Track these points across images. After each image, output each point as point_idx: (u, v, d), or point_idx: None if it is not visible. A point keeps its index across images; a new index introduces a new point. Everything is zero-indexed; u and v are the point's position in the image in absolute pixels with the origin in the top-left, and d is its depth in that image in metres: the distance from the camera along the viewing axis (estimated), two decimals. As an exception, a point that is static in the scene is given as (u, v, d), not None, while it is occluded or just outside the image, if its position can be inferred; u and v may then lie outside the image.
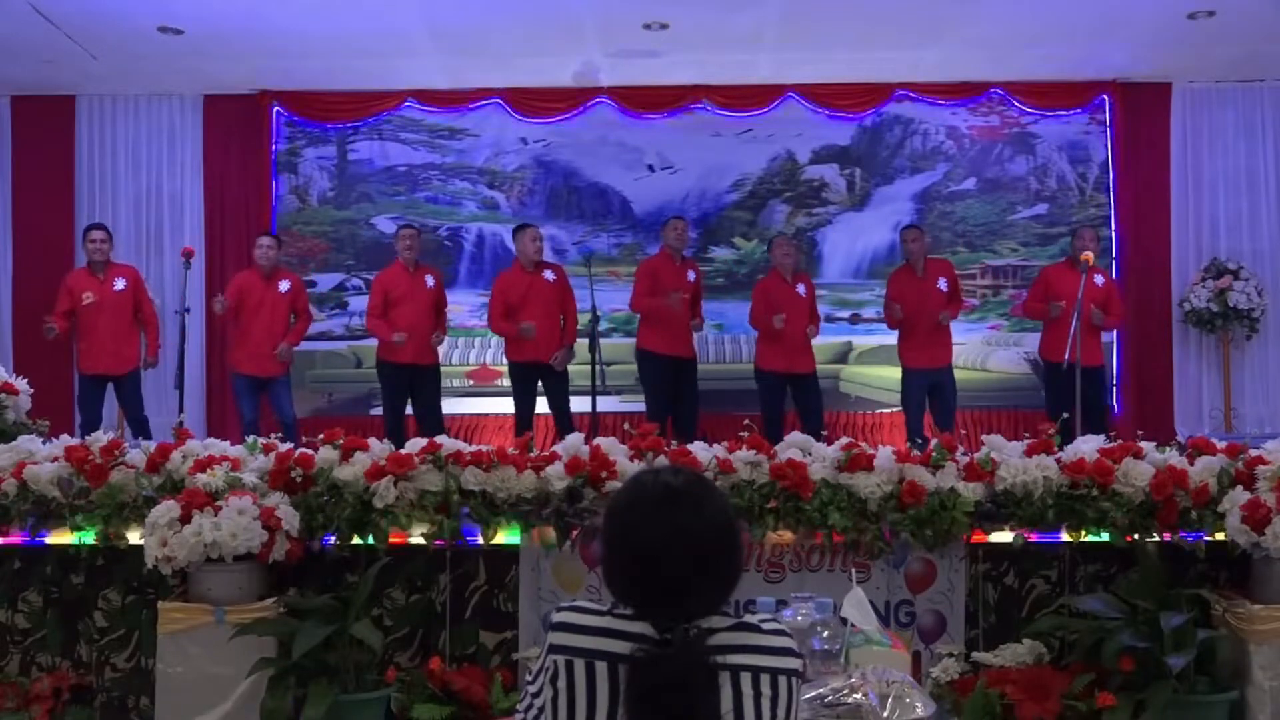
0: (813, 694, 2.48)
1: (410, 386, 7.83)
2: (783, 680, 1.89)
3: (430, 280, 7.91)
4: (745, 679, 1.86)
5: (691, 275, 7.99)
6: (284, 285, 7.90)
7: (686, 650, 1.82)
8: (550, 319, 7.68)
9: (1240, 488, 4.39)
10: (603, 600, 1.99)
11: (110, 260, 7.84)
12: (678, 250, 7.98)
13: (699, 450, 4.59)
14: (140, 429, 7.54)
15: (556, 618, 1.94)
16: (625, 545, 1.91)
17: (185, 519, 4.16)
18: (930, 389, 7.90)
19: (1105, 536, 4.48)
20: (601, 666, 1.86)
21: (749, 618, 1.95)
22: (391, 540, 4.44)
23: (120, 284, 7.77)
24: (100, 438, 4.66)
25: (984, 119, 9.17)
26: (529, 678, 1.99)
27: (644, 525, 1.90)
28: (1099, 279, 7.83)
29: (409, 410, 7.87)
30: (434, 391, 7.92)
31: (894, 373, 8.95)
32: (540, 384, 7.79)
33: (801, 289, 7.90)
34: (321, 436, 4.60)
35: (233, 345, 8.05)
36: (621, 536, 1.92)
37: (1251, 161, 8.92)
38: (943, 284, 7.91)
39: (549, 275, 7.70)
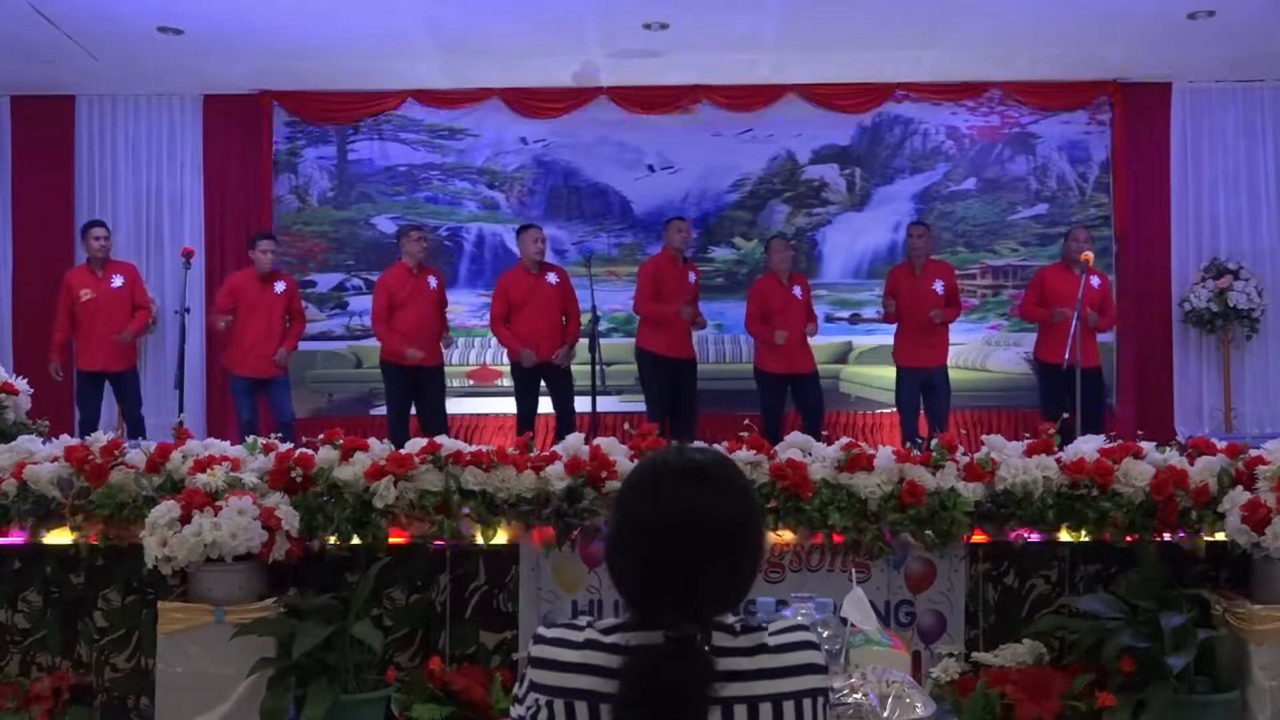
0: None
1: (414, 387, 7.83)
2: (807, 704, 1.72)
3: (433, 281, 7.92)
4: (765, 710, 1.68)
5: (692, 277, 8.01)
6: (280, 287, 7.91)
7: (691, 658, 1.65)
8: (551, 321, 7.69)
9: (1240, 488, 4.38)
10: (591, 613, 1.90)
11: (110, 257, 7.87)
12: (680, 251, 8.00)
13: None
14: (137, 428, 7.55)
15: (534, 651, 1.76)
16: (640, 522, 1.73)
17: (185, 519, 4.16)
18: (923, 388, 7.89)
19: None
20: (581, 706, 1.71)
21: (761, 634, 1.75)
22: (391, 540, 4.44)
23: (118, 281, 7.82)
24: (100, 438, 4.66)
25: (984, 119, 9.17)
26: (518, 690, 1.82)
27: (664, 500, 1.72)
28: (1095, 280, 7.83)
29: (413, 411, 7.87)
30: (437, 392, 7.91)
31: (894, 373, 8.96)
32: (544, 384, 7.80)
33: (798, 290, 7.89)
34: (321, 436, 4.61)
35: (229, 346, 8.02)
36: (636, 512, 1.75)
37: (1251, 161, 8.92)
38: (939, 286, 7.90)
39: (552, 278, 7.69)
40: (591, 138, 9.19)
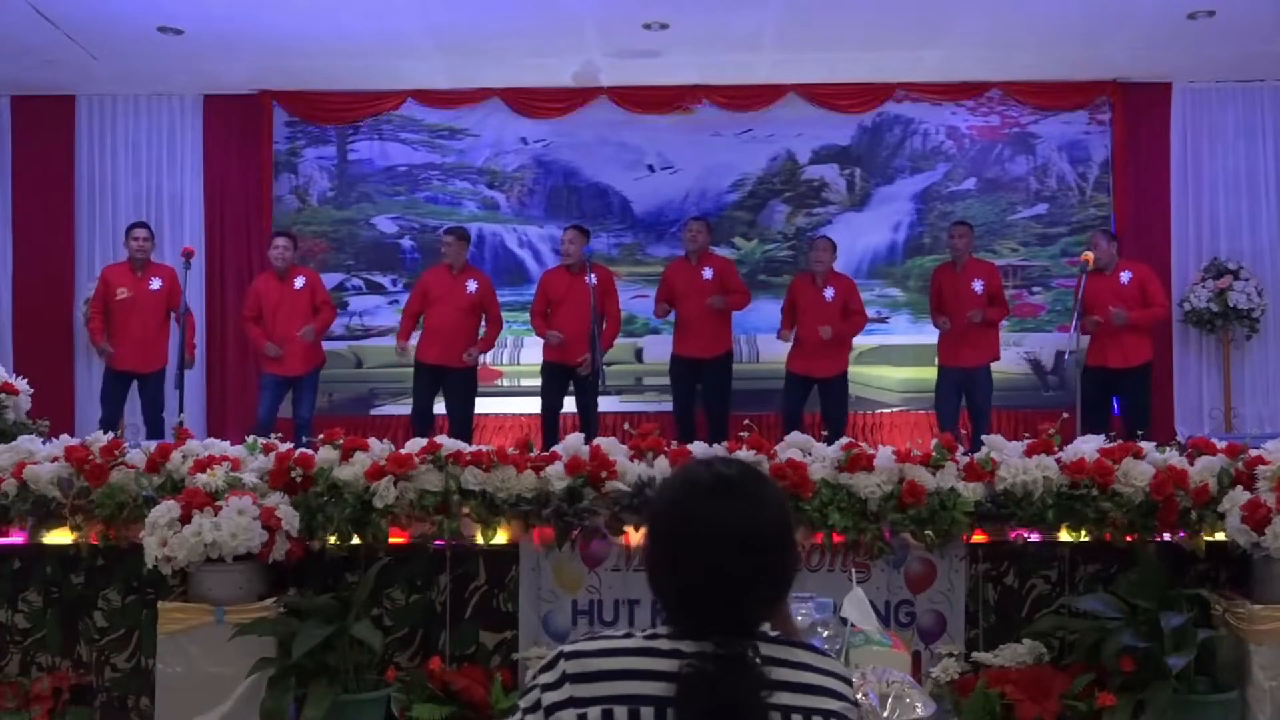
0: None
1: (441, 387, 7.91)
2: None
3: (471, 285, 7.93)
4: None
5: (708, 273, 7.99)
6: (299, 282, 7.93)
7: (743, 674, 1.67)
8: (584, 322, 7.60)
9: (1240, 488, 4.39)
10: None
11: (150, 259, 7.86)
12: (691, 252, 8.04)
13: (698, 450, 4.59)
14: (155, 430, 7.53)
15: (574, 667, 1.72)
16: (678, 540, 1.75)
17: (185, 519, 4.16)
18: (964, 388, 7.91)
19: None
20: (647, 712, 1.70)
21: (803, 652, 1.79)
22: (391, 540, 4.44)
23: (156, 284, 7.80)
24: (100, 438, 4.67)
25: (984, 119, 9.17)
26: (525, 707, 1.76)
27: (700, 516, 1.74)
28: (1125, 276, 7.78)
29: (438, 410, 7.94)
30: (464, 392, 7.94)
31: (894, 373, 9.00)
32: (572, 385, 7.85)
33: (830, 293, 7.89)
34: (321, 436, 4.61)
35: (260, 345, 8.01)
36: (673, 530, 1.76)
37: (1251, 161, 8.92)
38: (978, 286, 7.90)
39: (591, 278, 7.68)
40: (591, 138, 9.18)
